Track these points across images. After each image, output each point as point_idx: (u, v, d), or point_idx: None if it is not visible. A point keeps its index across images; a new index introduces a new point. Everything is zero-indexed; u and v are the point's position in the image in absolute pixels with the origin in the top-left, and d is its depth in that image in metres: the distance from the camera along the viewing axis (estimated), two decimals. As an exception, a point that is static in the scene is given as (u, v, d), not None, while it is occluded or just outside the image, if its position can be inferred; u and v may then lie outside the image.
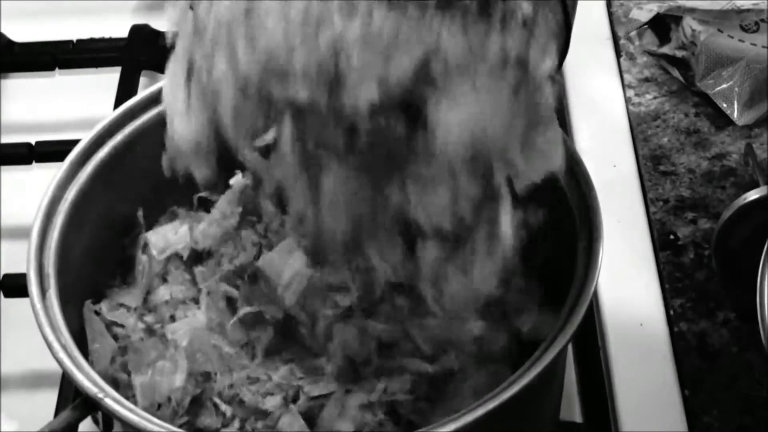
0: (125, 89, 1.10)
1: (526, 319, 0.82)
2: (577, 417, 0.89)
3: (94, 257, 0.85)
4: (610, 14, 1.16)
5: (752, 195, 0.88)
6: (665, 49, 1.10)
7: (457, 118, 0.66)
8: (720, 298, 0.93)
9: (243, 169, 0.87)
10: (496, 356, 0.80)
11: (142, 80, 1.12)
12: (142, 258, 0.86)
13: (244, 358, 0.81)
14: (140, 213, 0.87)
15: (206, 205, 0.88)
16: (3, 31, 1.17)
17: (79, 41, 1.16)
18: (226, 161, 0.73)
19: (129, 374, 0.81)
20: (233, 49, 0.67)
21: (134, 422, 0.72)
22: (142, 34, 1.16)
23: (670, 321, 0.93)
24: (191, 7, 0.69)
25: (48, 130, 1.11)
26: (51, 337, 0.76)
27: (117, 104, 1.07)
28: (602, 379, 0.90)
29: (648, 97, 1.09)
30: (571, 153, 0.83)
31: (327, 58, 0.65)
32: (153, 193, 0.88)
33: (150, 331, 0.83)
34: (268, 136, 0.70)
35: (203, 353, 0.80)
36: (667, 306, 0.93)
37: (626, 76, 1.10)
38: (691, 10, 1.09)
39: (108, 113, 0.87)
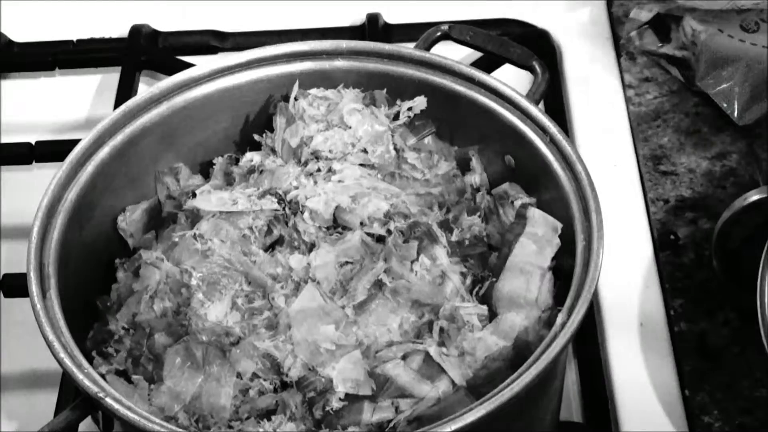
0: (125, 89, 1.10)
1: None
2: (577, 417, 0.89)
3: (94, 257, 0.85)
4: (610, 14, 1.16)
5: (752, 195, 0.88)
6: (665, 49, 1.10)
7: None
8: (720, 298, 0.93)
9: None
10: None
11: (142, 80, 1.12)
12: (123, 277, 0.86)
13: None
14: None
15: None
16: (3, 31, 1.17)
17: (79, 41, 1.16)
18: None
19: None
20: None
21: (134, 421, 0.72)
22: (142, 34, 1.16)
23: (670, 321, 0.93)
24: None
25: (48, 130, 1.11)
26: (51, 337, 0.76)
27: (117, 104, 1.07)
28: (602, 379, 0.90)
29: (648, 97, 1.09)
30: (571, 153, 0.83)
31: None
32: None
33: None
34: None
35: None
36: (667, 306, 0.93)
37: (626, 76, 1.10)
38: (692, 10, 1.09)
39: (108, 113, 0.87)
